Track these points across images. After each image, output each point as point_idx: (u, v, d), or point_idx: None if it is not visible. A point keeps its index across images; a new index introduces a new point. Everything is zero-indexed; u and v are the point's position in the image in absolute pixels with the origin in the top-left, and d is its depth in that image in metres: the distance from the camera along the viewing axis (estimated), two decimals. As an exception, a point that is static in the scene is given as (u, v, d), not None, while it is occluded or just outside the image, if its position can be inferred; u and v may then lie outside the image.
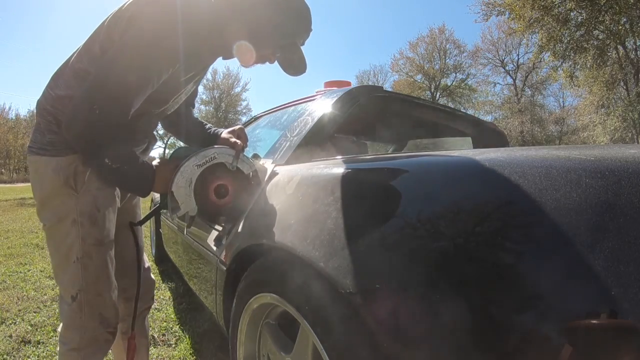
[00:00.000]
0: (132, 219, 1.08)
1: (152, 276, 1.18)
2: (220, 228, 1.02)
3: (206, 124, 1.17)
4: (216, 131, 1.13)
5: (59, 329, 0.93)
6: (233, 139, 1.00)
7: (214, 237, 1.04)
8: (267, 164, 1.07)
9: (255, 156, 1.03)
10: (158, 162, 0.89)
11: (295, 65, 0.92)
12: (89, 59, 0.82)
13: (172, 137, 1.32)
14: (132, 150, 0.86)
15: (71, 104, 0.77)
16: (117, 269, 0.96)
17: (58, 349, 0.93)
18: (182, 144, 1.24)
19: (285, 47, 0.89)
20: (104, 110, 0.74)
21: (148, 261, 1.18)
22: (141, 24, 0.77)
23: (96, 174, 0.85)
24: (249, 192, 0.95)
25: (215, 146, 0.92)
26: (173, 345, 1.65)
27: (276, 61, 0.92)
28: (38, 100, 0.87)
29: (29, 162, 0.88)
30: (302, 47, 0.92)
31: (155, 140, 1.10)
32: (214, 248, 1.04)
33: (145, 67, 0.78)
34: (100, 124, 0.75)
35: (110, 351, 1.05)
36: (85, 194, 0.86)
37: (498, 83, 25.56)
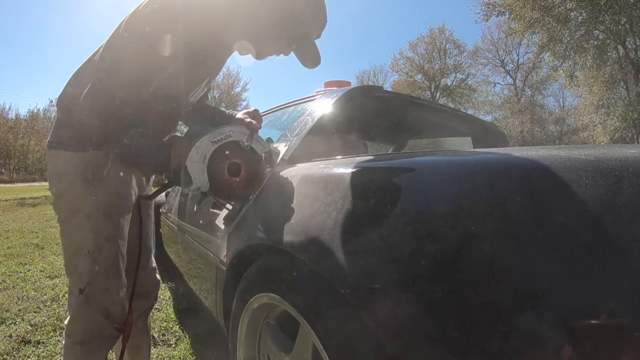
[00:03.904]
0: (145, 216, 1.08)
1: (157, 276, 1.19)
2: (230, 207, 1.03)
3: (221, 107, 1.19)
4: (231, 112, 1.15)
5: (66, 322, 0.94)
6: (248, 119, 1.01)
7: (224, 216, 1.05)
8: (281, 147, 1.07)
9: (269, 139, 1.04)
10: (173, 139, 0.90)
11: (311, 57, 0.91)
12: (109, 57, 0.83)
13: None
14: (147, 130, 0.86)
15: (89, 91, 0.77)
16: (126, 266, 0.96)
17: (63, 342, 0.93)
18: None
19: (301, 38, 0.89)
20: (119, 95, 0.76)
21: (154, 262, 1.18)
22: (154, 15, 0.77)
23: (114, 153, 0.86)
24: (261, 172, 0.95)
25: (231, 125, 0.92)
26: (173, 345, 1.65)
27: (292, 53, 0.92)
28: (59, 97, 0.89)
29: (48, 156, 0.89)
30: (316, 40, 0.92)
31: None
32: (223, 227, 1.05)
33: (153, 57, 0.78)
34: (116, 106, 0.76)
35: (111, 350, 1.05)
36: (102, 188, 0.87)
37: (498, 83, 25.55)
